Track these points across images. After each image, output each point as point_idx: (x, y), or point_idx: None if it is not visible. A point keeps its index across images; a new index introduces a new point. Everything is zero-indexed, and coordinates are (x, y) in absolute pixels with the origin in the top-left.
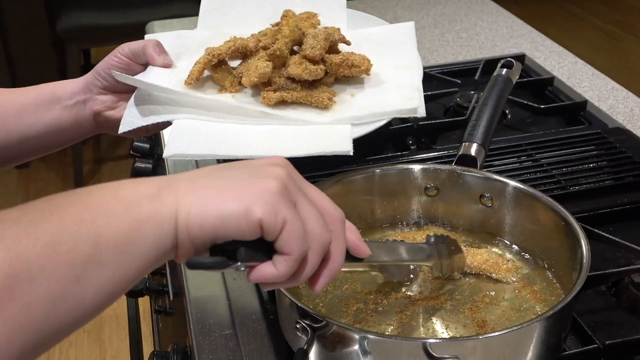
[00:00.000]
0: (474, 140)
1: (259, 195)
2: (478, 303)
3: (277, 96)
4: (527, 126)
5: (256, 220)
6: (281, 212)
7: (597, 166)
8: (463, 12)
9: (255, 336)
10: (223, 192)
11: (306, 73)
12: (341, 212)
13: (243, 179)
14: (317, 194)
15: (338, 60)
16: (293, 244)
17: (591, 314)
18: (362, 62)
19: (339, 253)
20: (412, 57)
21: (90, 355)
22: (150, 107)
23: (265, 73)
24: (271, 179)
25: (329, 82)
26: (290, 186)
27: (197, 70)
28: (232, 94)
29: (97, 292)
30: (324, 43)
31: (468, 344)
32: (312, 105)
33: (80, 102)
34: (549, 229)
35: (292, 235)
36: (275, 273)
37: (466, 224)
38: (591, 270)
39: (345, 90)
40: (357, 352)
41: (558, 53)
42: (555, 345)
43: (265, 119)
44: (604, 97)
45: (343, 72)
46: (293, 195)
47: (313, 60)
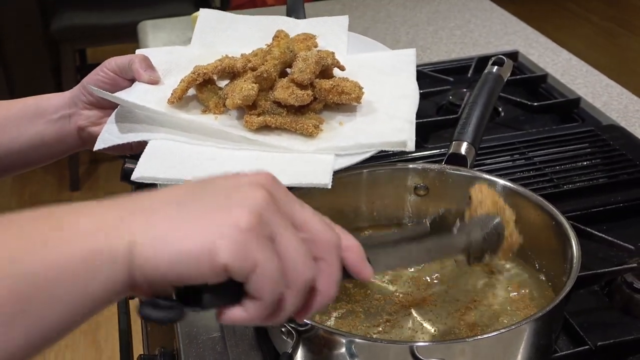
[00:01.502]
0: (463, 139)
1: (227, 232)
2: (467, 305)
3: (259, 120)
4: (520, 124)
5: (221, 265)
6: (251, 254)
7: (591, 164)
8: (457, 9)
9: (242, 340)
10: (183, 228)
11: (292, 98)
12: (336, 235)
13: (211, 210)
14: (307, 216)
15: (328, 86)
16: (265, 290)
17: (583, 314)
18: (353, 90)
19: (329, 285)
20: (409, 87)
21: (85, 356)
22: (128, 125)
23: (249, 95)
24: (244, 211)
25: (318, 108)
26: (269, 216)
27: (181, 89)
28: (216, 116)
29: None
30: (314, 67)
31: (456, 347)
32: (296, 132)
33: (65, 117)
34: (539, 229)
35: (264, 279)
36: (246, 317)
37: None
38: (583, 269)
39: (334, 118)
40: (343, 355)
41: (552, 50)
42: (546, 346)
43: (245, 144)
44: (598, 94)
45: (332, 99)
46: (271, 226)
47: (301, 84)
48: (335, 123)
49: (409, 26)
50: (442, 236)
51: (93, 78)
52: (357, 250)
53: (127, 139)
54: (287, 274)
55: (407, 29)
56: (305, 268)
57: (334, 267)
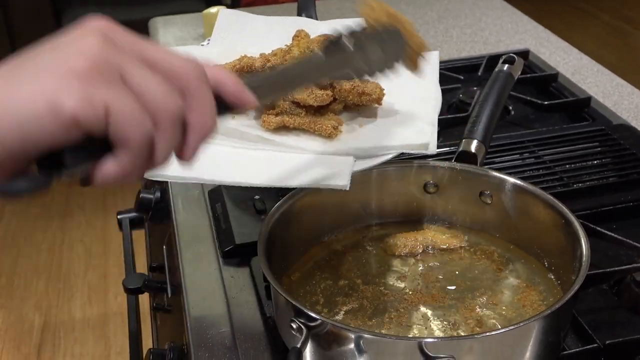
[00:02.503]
0: (474, 136)
1: (65, 81)
2: (476, 301)
3: (277, 120)
4: (530, 123)
5: (68, 116)
6: (98, 96)
7: (601, 163)
8: (468, 7)
9: (251, 335)
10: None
11: (311, 98)
12: (195, 64)
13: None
14: (159, 51)
15: (348, 86)
16: (128, 130)
17: (592, 313)
18: (374, 91)
19: (204, 115)
20: (432, 89)
21: (95, 351)
22: None
23: None
24: (78, 57)
25: (338, 109)
26: (109, 56)
27: None
28: (233, 115)
29: None
30: None
31: (464, 343)
32: (315, 133)
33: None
34: (549, 227)
35: (122, 118)
36: (119, 169)
37: (466, 221)
38: (593, 268)
39: (354, 119)
40: (352, 351)
41: (563, 49)
42: (555, 344)
43: (262, 144)
44: (608, 93)
45: (352, 100)
46: (115, 65)
47: (321, 84)
48: (355, 124)
49: (419, 24)
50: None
51: None
52: (232, 79)
53: None
54: (149, 110)
55: (418, 27)
56: (167, 100)
57: (202, 97)
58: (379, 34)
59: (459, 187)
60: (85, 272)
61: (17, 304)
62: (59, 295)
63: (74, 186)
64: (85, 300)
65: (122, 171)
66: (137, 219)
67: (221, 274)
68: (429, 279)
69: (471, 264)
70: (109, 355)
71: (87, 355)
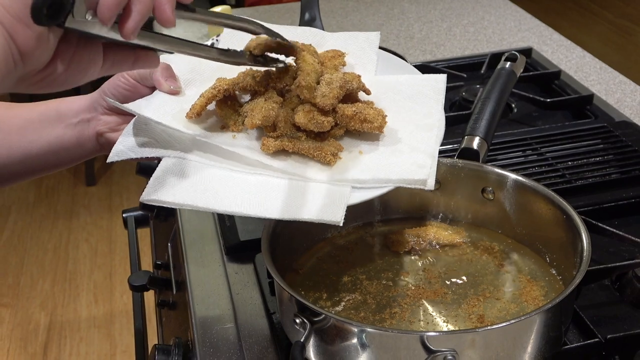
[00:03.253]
0: (476, 133)
1: None
2: (478, 297)
3: (276, 144)
4: (533, 120)
5: None
6: None
7: (603, 160)
8: (471, 5)
9: (255, 330)
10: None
11: (312, 124)
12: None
13: None
14: None
15: (350, 112)
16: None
17: (594, 308)
18: (376, 118)
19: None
20: (436, 117)
21: (100, 350)
22: (144, 138)
23: (269, 116)
24: None
25: (339, 134)
26: None
27: (200, 104)
28: (234, 134)
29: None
30: (337, 92)
31: (466, 337)
32: (314, 159)
33: (84, 121)
34: (551, 222)
35: None
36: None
37: (468, 218)
38: (594, 264)
39: (355, 145)
40: (355, 345)
41: (566, 47)
42: (556, 338)
43: (260, 169)
44: (611, 90)
45: (354, 126)
46: None
47: (323, 109)
48: (355, 151)
49: (422, 23)
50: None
51: (113, 83)
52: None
53: (141, 154)
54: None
55: (421, 26)
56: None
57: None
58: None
59: (461, 183)
60: (91, 272)
61: (23, 303)
62: (64, 294)
63: (79, 186)
64: (91, 299)
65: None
66: (142, 217)
67: (225, 270)
68: (431, 274)
69: (473, 259)
70: (114, 354)
71: (93, 354)
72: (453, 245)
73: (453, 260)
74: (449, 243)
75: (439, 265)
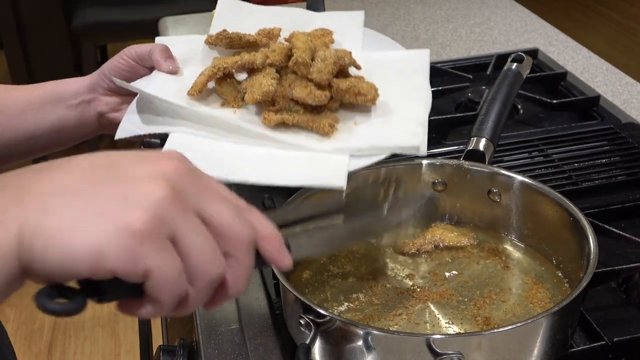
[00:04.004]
0: (482, 135)
1: (116, 235)
2: (484, 299)
3: (277, 118)
4: (539, 121)
5: (107, 270)
6: (142, 262)
7: (610, 162)
8: (477, 6)
9: (260, 331)
10: (71, 226)
11: (310, 98)
12: (249, 230)
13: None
14: (220, 207)
15: (345, 86)
16: (160, 294)
17: (600, 310)
18: (369, 91)
19: (239, 281)
20: (422, 89)
21: (105, 349)
22: (150, 116)
23: (268, 92)
24: (139, 210)
25: (334, 107)
26: (168, 214)
27: (201, 82)
28: (234, 110)
29: None
30: (332, 67)
31: (472, 340)
32: (313, 131)
33: (85, 102)
34: (557, 225)
35: (160, 283)
36: (145, 313)
37: (474, 219)
38: (601, 266)
39: (349, 117)
40: (360, 347)
41: (572, 48)
42: (562, 341)
43: (263, 141)
44: (617, 92)
45: (349, 99)
46: (171, 225)
47: (319, 84)
48: (350, 123)
49: (428, 23)
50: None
51: (113, 65)
52: (275, 240)
53: (149, 130)
54: (190, 273)
55: (427, 26)
56: (211, 267)
57: (243, 265)
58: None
59: (467, 185)
60: None
61: (27, 303)
62: None
63: None
64: None
65: (148, 315)
66: None
67: None
68: (437, 277)
69: (479, 261)
70: (119, 354)
71: (97, 353)
72: (459, 247)
73: (459, 262)
74: (455, 245)
75: (445, 267)
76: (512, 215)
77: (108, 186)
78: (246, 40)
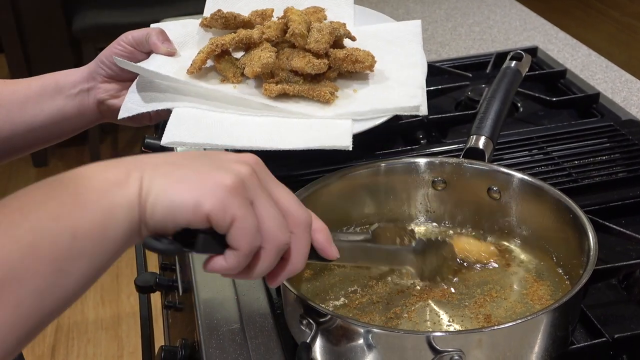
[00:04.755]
0: (481, 133)
1: (212, 189)
2: (485, 297)
3: (278, 88)
4: (538, 119)
5: (203, 214)
6: (231, 209)
7: (610, 159)
8: (476, 5)
9: (262, 331)
10: (178, 182)
11: (309, 67)
12: (308, 214)
13: (202, 171)
14: (285, 194)
15: (342, 55)
16: (241, 241)
17: (601, 307)
18: (366, 58)
19: (299, 256)
20: (417, 56)
21: (108, 351)
22: (151, 94)
23: (268, 63)
24: (229, 174)
25: (332, 76)
26: (250, 184)
27: (200, 59)
28: (234, 85)
29: (79, 278)
30: (328, 37)
31: (473, 337)
32: (313, 99)
33: (84, 91)
34: (557, 222)
35: (241, 232)
36: (225, 266)
37: (474, 217)
38: (601, 263)
39: (348, 86)
40: (361, 346)
41: (572, 45)
42: (563, 338)
43: (266, 111)
44: (617, 89)
45: (347, 68)
46: (251, 193)
47: (317, 54)
48: (349, 90)
49: (427, 22)
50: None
51: (110, 51)
52: (326, 232)
53: (151, 108)
54: (263, 235)
55: (426, 25)
56: (280, 231)
57: (303, 242)
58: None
59: (467, 183)
60: None
61: None
62: None
63: None
64: (98, 300)
65: (225, 268)
66: None
67: None
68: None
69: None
70: (122, 355)
71: (100, 356)
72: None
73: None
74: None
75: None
76: (512, 212)
77: (204, 162)
78: (241, 20)
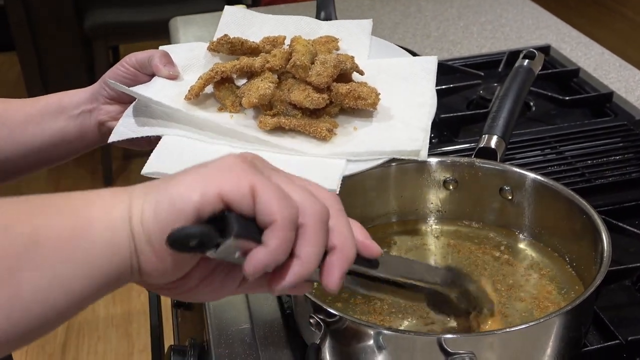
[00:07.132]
0: (494, 132)
1: (216, 172)
2: (498, 298)
3: (273, 122)
4: (551, 118)
5: (215, 194)
6: (245, 179)
7: (623, 159)
8: (488, 3)
9: (271, 331)
10: (176, 182)
11: (308, 101)
12: (320, 205)
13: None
14: (297, 178)
15: (345, 90)
16: (273, 206)
17: (614, 309)
18: (369, 95)
19: (345, 237)
20: (427, 95)
21: (118, 348)
22: (144, 119)
23: (265, 95)
24: (226, 161)
25: (334, 112)
26: (258, 162)
27: (198, 86)
28: (232, 114)
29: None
30: (332, 71)
31: (485, 340)
32: (310, 135)
33: (86, 112)
34: (570, 222)
35: (268, 196)
36: (267, 251)
37: (486, 217)
38: (615, 264)
39: (349, 122)
40: (371, 347)
41: (585, 44)
42: (576, 340)
43: (258, 145)
44: (631, 88)
45: (349, 104)
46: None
47: (318, 88)
48: (350, 127)
49: (439, 21)
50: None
51: (114, 73)
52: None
53: (142, 133)
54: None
55: (438, 24)
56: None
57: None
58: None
59: (479, 183)
60: None
61: None
62: None
63: (97, 186)
64: (108, 298)
65: (269, 254)
66: None
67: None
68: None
69: (491, 259)
70: (132, 353)
71: (110, 353)
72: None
73: (471, 260)
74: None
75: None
76: (524, 213)
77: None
78: (248, 46)
